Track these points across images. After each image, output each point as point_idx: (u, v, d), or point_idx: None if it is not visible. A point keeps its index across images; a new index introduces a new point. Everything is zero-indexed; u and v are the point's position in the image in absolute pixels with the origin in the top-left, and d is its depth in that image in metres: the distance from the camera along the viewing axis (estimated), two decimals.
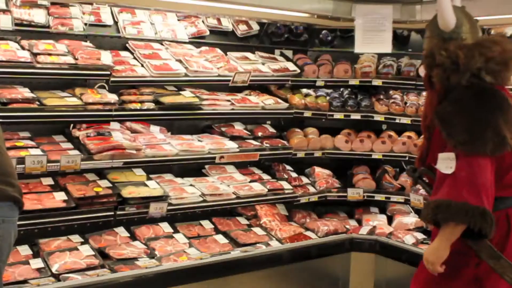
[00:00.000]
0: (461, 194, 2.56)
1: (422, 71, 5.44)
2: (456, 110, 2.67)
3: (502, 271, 2.69)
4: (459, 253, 2.75)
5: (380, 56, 5.74)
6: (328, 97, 5.62)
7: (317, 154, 5.41)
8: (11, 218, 2.81)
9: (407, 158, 5.37)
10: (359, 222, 5.29)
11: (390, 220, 5.31)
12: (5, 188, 2.75)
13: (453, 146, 2.63)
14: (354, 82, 5.57)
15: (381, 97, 5.66)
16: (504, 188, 2.73)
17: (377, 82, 5.54)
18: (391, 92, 5.78)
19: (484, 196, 2.56)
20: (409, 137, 5.52)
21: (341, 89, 5.84)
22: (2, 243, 2.76)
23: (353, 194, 5.31)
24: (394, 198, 5.32)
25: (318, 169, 5.46)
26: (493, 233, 2.59)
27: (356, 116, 5.50)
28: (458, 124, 2.63)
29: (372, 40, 5.19)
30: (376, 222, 5.22)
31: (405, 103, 5.54)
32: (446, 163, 2.64)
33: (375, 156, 5.47)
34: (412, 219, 5.19)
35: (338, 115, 5.49)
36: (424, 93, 5.70)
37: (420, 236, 4.95)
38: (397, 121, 5.41)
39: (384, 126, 5.81)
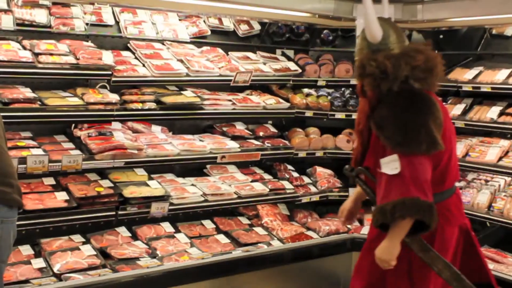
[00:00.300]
0: (411, 192, 2.72)
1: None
2: (390, 114, 2.83)
3: (431, 262, 2.90)
4: None
5: None
6: (329, 97, 5.62)
7: (319, 153, 5.40)
8: (10, 219, 2.81)
9: None
10: (361, 222, 5.28)
11: None
12: (4, 190, 2.75)
13: (392, 148, 2.78)
14: (355, 81, 5.55)
15: None
16: (444, 184, 2.97)
17: None
18: None
19: (428, 191, 2.75)
20: None
21: (343, 89, 5.83)
22: (2, 244, 2.76)
23: None
24: None
25: (319, 169, 5.45)
26: (435, 221, 2.77)
27: None
28: (393, 128, 2.79)
29: None
30: None
31: None
32: (390, 165, 2.79)
33: None
34: None
35: (340, 115, 5.48)
36: None
37: None
38: None
39: None
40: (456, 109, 5.21)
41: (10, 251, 2.91)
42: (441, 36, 5.82)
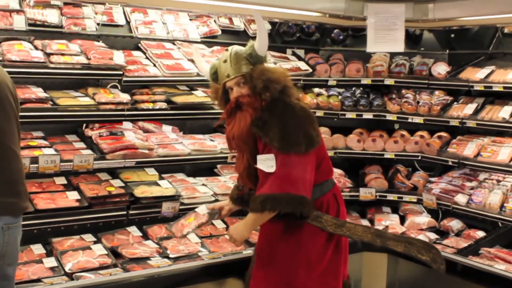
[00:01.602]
0: (284, 187, 3.05)
1: (434, 70, 5.43)
2: (272, 120, 3.14)
3: (350, 233, 3.31)
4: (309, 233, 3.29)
5: (392, 55, 5.72)
6: (340, 97, 5.61)
7: (329, 153, 5.36)
8: (16, 224, 2.82)
9: (419, 158, 5.35)
10: (372, 222, 5.27)
11: (402, 220, 5.29)
12: (11, 201, 2.76)
13: (275, 149, 3.09)
14: (366, 81, 5.55)
15: (393, 96, 5.64)
16: (324, 174, 3.35)
17: (389, 81, 5.52)
18: (403, 91, 5.76)
19: (301, 186, 3.07)
20: (421, 136, 5.49)
21: (353, 89, 5.81)
22: (9, 249, 2.77)
23: (365, 193, 5.30)
24: (406, 197, 5.29)
25: None
26: (311, 214, 3.19)
27: (368, 115, 5.48)
28: (276, 131, 3.10)
29: (384, 39, 5.16)
30: (388, 221, 5.20)
31: (418, 102, 5.52)
32: (266, 163, 3.11)
33: (388, 155, 5.45)
34: (424, 219, 5.17)
35: (350, 115, 5.47)
36: (437, 92, 5.69)
37: (433, 236, 4.94)
38: (409, 120, 5.39)
39: (396, 126, 5.80)
40: (468, 109, 5.18)
41: (18, 252, 2.91)
42: (452, 35, 5.80)
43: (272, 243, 3.37)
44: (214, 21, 5.21)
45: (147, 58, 4.62)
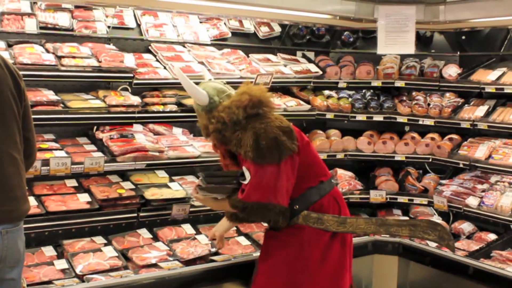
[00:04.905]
0: (255, 196, 3.12)
1: (445, 72, 5.41)
2: (246, 134, 3.18)
3: (353, 229, 3.35)
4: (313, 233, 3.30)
5: (403, 57, 5.70)
6: (350, 99, 5.60)
7: (340, 155, 5.38)
8: (15, 228, 2.79)
9: (430, 160, 5.33)
10: None
11: None
12: (7, 209, 2.73)
13: (250, 161, 3.14)
14: (376, 83, 5.54)
15: (404, 98, 5.62)
16: (316, 176, 3.36)
17: (399, 83, 5.50)
18: (414, 93, 5.74)
19: (271, 195, 3.12)
20: (432, 138, 5.47)
21: (364, 91, 5.81)
22: (9, 252, 2.76)
23: (375, 196, 5.28)
24: (417, 200, 5.27)
25: (340, 171, 5.43)
26: (285, 222, 3.21)
27: (378, 117, 5.47)
28: (248, 143, 3.14)
29: (395, 41, 5.15)
30: None
31: (428, 104, 5.50)
32: (245, 175, 3.18)
33: (398, 157, 5.43)
34: None
35: (361, 117, 5.46)
36: (447, 94, 5.67)
37: None
38: (420, 122, 5.38)
39: (407, 128, 5.79)
40: (479, 111, 5.16)
41: (21, 254, 2.89)
42: (463, 37, 5.77)
43: (274, 248, 3.37)
44: (224, 23, 5.22)
45: (157, 60, 4.64)
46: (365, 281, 4.82)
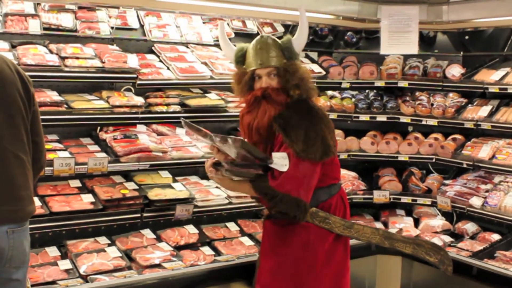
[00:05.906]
0: (288, 188, 3.07)
1: (448, 72, 5.41)
2: (296, 121, 3.14)
3: (358, 235, 3.36)
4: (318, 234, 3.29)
5: (406, 57, 5.70)
6: (353, 99, 5.60)
7: (343, 156, 5.38)
8: (21, 228, 2.80)
9: (433, 160, 5.33)
10: (385, 224, 5.26)
11: (416, 223, 5.27)
12: (12, 209, 2.74)
13: (293, 152, 3.08)
14: (379, 83, 5.54)
15: (407, 98, 5.62)
16: (332, 178, 3.36)
17: (403, 84, 5.50)
18: (417, 93, 5.74)
19: (303, 192, 3.09)
20: (435, 138, 5.47)
21: (367, 91, 5.81)
22: (14, 252, 2.77)
23: (379, 196, 5.28)
24: (420, 200, 5.27)
25: (343, 171, 5.43)
26: (305, 218, 3.17)
27: (382, 117, 5.47)
28: (298, 134, 3.09)
29: (398, 41, 5.15)
30: (402, 224, 5.18)
31: (432, 104, 5.49)
32: (280, 161, 3.09)
33: (401, 158, 5.43)
34: (439, 222, 5.15)
35: (364, 117, 5.46)
36: (451, 94, 5.66)
37: (447, 238, 4.91)
38: (423, 122, 5.38)
39: (410, 128, 5.78)
40: (483, 111, 5.15)
41: (27, 255, 2.89)
42: (466, 37, 5.77)
43: (278, 246, 3.35)
44: (227, 24, 5.22)
45: (160, 61, 4.64)
46: (368, 282, 4.82)
